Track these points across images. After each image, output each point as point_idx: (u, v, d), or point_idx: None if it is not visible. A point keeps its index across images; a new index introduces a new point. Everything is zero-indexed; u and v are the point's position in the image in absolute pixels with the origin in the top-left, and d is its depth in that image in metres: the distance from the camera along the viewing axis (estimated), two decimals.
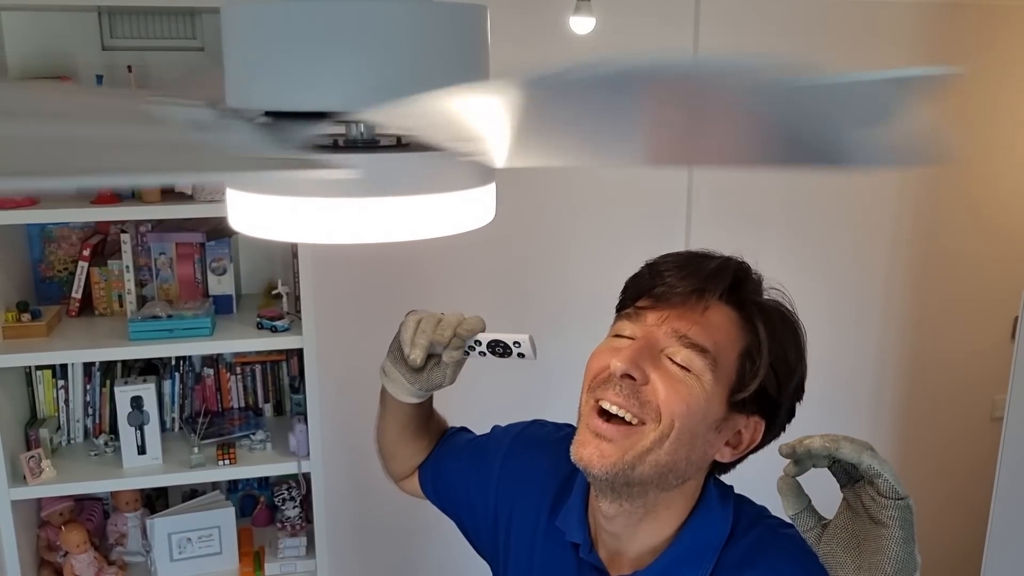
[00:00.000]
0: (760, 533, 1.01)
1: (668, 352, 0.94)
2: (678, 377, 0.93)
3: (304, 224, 0.62)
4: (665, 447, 0.93)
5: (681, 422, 0.92)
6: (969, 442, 3.07)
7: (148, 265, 2.32)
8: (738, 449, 0.99)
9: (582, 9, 2.20)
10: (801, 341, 0.98)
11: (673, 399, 0.92)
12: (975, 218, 2.89)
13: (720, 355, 0.93)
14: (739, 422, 0.97)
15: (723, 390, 0.94)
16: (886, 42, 2.65)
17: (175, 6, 2.16)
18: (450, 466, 1.28)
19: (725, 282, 0.95)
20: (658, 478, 0.95)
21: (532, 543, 1.13)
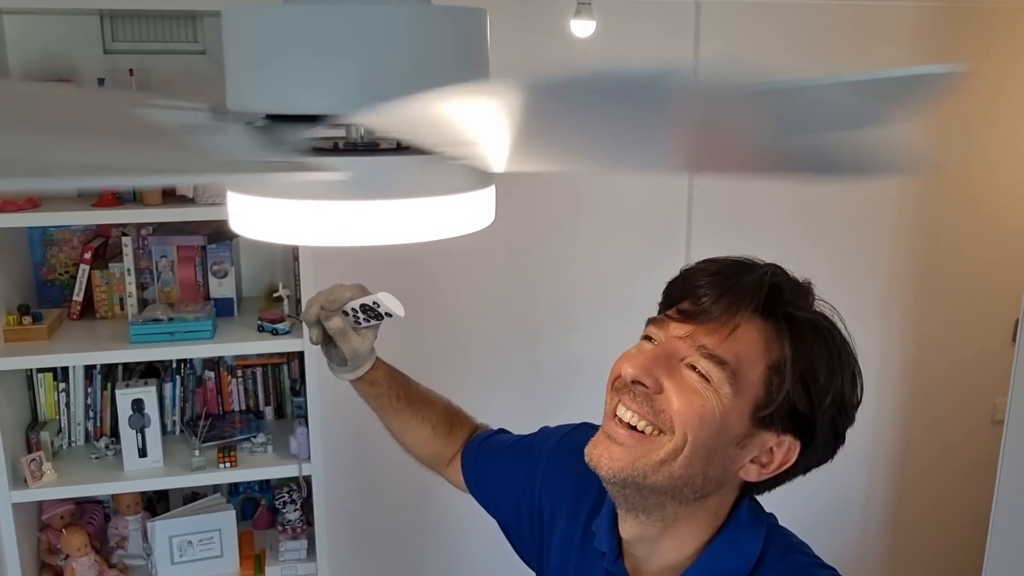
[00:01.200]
0: (790, 568, 0.96)
1: (688, 361, 0.91)
2: (694, 388, 0.90)
3: (305, 227, 0.62)
4: (679, 461, 0.90)
5: (694, 435, 0.89)
6: (970, 445, 3.07)
7: (149, 268, 2.32)
8: (767, 468, 0.93)
9: (583, 12, 2.20)
10: (840, 356, 0.93)
11: (686, 410, 0.89)
12: (976, 221, 2.89)
13: (742, 368, 0.89)
14: (768, 440, 0.92)
15: (746, 405, 0.90)
16: (885, 46, 2.64)
17: (177, 9, 2.16)
18: (494, 465, 1.28)
19: (758, 296, 0.91)
20: (673, 491, 0.92)
21: (569, 547, 1.12)
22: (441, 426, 1.34)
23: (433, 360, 2.62)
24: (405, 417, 1.31)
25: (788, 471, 0.95)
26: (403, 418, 1.31)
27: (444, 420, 1.34)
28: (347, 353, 1.19)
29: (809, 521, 3.02)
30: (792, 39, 2.59)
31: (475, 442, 1.33)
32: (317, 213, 0.61)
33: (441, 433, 1.34)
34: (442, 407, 1.35)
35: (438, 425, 1.33)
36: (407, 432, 1.33)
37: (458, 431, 1.36)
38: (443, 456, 1.35)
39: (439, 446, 1.34)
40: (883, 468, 3.07)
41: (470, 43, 0.64)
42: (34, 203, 2.05)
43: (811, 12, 2.58)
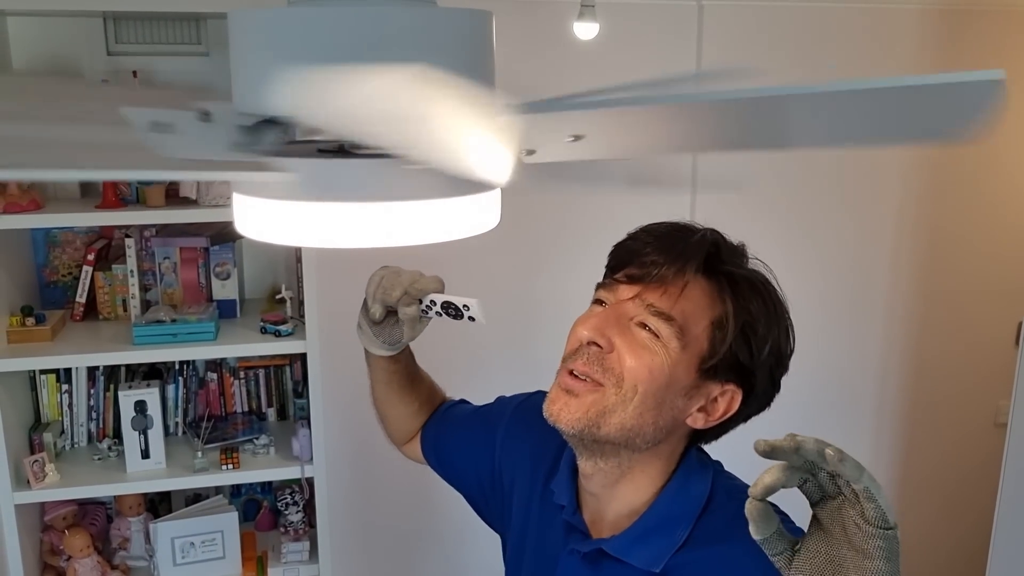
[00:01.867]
0: (738, 508, 0.95)
1: (638, 320, 0.96)
2: (643, 343, 0.95)
3: (310, 229, 0.62)
4: (630, 410, 0.95)
5: (644, 387, 0.95)
6: (973, 447, 3.07)
7: (152, 270, 2.32)
8: (713, 416, 1.00)
9: (586, 15, 2.20)
10: (776, 308, 0.99)
11: (636, 365, 0.95)
12: (980, 223, 2.89)
13: (688, 323, 0.95)
14: (713, 389, 0.98)
15: (692, 358, 0.96)
16: (890, 49, 2.64)
17: (180, 11, 2.17)
18: (452, 434, 1.32)
19: (700, 256, 0.96)
20: (625, 440, 0.97)
21: (529, 507, 1.16)
22: (424, 407, 1.35)
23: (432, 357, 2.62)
24: (401, 395, 1.32)
25: (731, 419, 1.01)
26: (398, 395, 1.32)
27: (427, 401, 1.36)
28: (406, 339, 1.20)
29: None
30: (794, 42, 2.59)
31: (435, 415, 1.35)
32: (322, 215, 0.61)
33: (424, 413, 1.36)
34: (428, 387, 1.37)
35: (421, 408, 1.35)
36: (395, 409, 1.33)
37: (428, 408, 1.37)
38: (411, 431, 1.37)
39: (415, 424, 1.36)
40: (886, 470, 3.06)
41: (475, 45, 0.64)
42: (37, 204, 2.06)
43: (814, 15, 2.58)
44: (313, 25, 0.60)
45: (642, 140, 0.67)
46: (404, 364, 1.29)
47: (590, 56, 2.37)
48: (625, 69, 2.50)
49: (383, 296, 1.18)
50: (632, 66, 2.48)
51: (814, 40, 2.60)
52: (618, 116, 0.57)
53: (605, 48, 2.36)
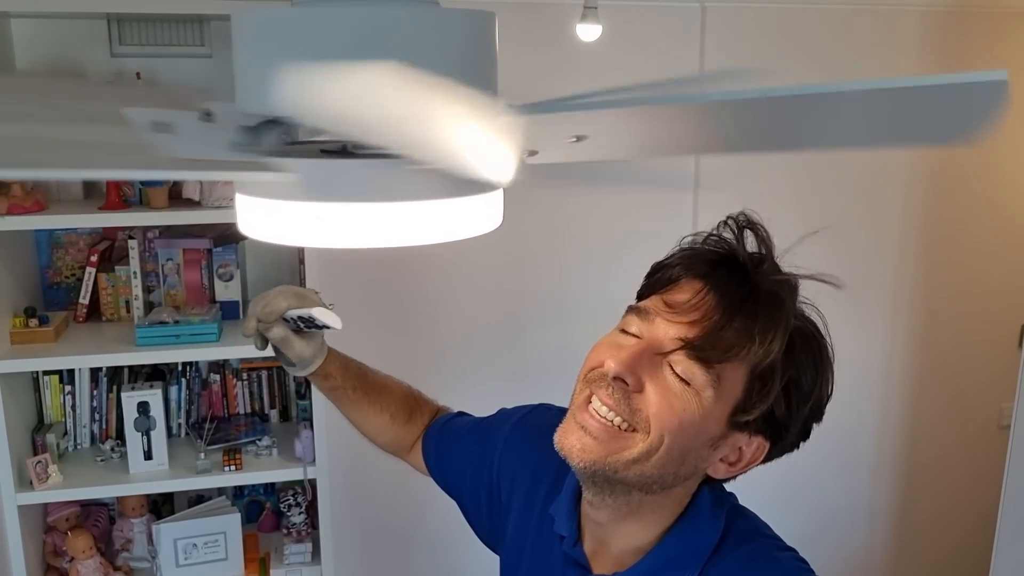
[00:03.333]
0: (751, 551, 0.96)
1: (671, 360, 0.88)
2: (675, 390, 0.88)
3: (313, 229, 0.62)
4: (653, 460, 0.89)
5: (672, 438, 0.88)
6: (976, 450, 3.06)
7: (155, 271, 2.33)
8: (735, 467, 0.94)
9: (589, 16, 2.20)
10: (822, 364, 0.91)
11: (666, 413, 0.88)
12: (983, 225, 2.89)
13: (726, 371, 0.87)
14: (740, 440, 0.92)
15: (725, 407, 0.89)
16: (893, 51, 2.64)
17: (184, 13, 2.17)
18: (452, 447, 1.30)
19: (755, 299, 0.88)
20: (641, 485, 0.92)
21: (526, 527, 1.12)
22: (400, 413, 1.34)
23: (430, 355, 2.62)
24: (363, 407, 1.32)
25: (755, 467, 0.96)
26: (360, 408, 1.32)
27: (403, 407, 1.35)
28: (293, 359, 1.21)
29: (815, 525, 3.03)
30: (797, 44, 2.59)
31: (435, 426, 1.34)
32: (325, 216, 0.61)
33: (400, 420, 1.34)
34: (401, 394, 1.36)
35: (397, 413, 1.34)
36: (365, 421, 1.34)
37: (419, 416, 1.36)
38: (404, 442, 1.36)
39: (399, 433, 1.35)
40: (889, 473, 3.06)
41: (479, 46, 0.64)
42: (41, 206, 2.06)
43: (816, 17, 2.58)
44: (315, 25, 0.60)
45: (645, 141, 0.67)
46: (342, 378, 1.29)
47: (593, 58, 2.37)
48: (628, 71, 2.50)
49: (242, 331, 1.21)
50: (635, 68, 2.48)
51: (817, 42, 2.60)
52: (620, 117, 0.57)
53: (608, 50, 2.36)
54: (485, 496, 1.22)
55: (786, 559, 0.96)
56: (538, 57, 2.37)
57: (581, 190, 2.57)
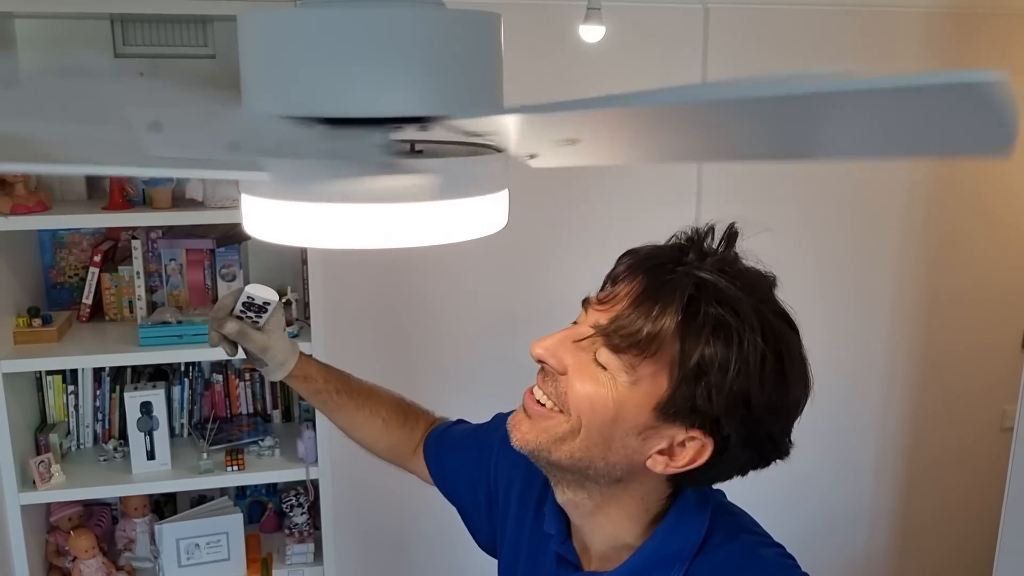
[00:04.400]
0: (737, 549, 0.96)
1: (595, 346, 0.91)
2: (590, 374, 0.90)
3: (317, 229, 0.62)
4: (577, 442, 0.92)
5: (587, 419, 0.91)
6: (979, 452, 3.06)
7: (158, 271, 2.33)
8: (677, 462, 0.91)
9: (592, 18, 2.20)
10: (748, 356, 0.86)
11: (579, 394, 0.91)
12: (986, 228, 2.88)
13: (642, 359, 0.88)
14: (676, 434, 0.90)
15: (646, 396, 0.89)
16: (896, 53, 2.64)
17: (187, 14, 2.17)
18: (453, 454, 1.30)
19: (679, 295, 0.87)
20: (577, 469, 0.94)
21: (522, 530, 1.14)
22: (393, 418, 1.35)
23: (431, 355, 2.62)
24: (350, 412, 1.33)
25: (717, 468, 0.93)
26: (348, 413, 1.33)
27: (396, 412, 1.36)
28: (257, 351, 1.25)
29: (817, 528, 3.02)
30: (800, 45, 2.59)
31: (435, 433, 1.35)
32: (330, 216, 0.62)
33: (394, 425, 1.35)
34: (391, 399, 1.37)
35: (389, 417, 1.34)
36: (357, 427, 1.35)
37: (413, 422, 1.36)
38: (402, 449, 1.36)
39: (394, 438, 1.35)
40: (891, 475, 3.06)
41: (484, 47, 0.64)
42: (44, 205, 2.06)
43: (819, 18, 2.58)
44: (320, 26, 0.60)
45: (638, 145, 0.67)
46: (323, 380, 1.31)
47: (596, 59, 2.37)
48: (631, 72, 2.51)
49: (209, 342, 1.26)
50: (638, 69, 2.48)
51: (819, 44, 2.60)
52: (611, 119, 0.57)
53: (611, 51, 2.36)
54: (484, 500, 1.23)
55: (771, 556, 0.96)
56: (541, 58, 2.37)
57: (583, 193, 2.58)
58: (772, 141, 0.59)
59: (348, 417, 1.34)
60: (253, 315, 1.22)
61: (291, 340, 1.30)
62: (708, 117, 0.53)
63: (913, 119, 0.47)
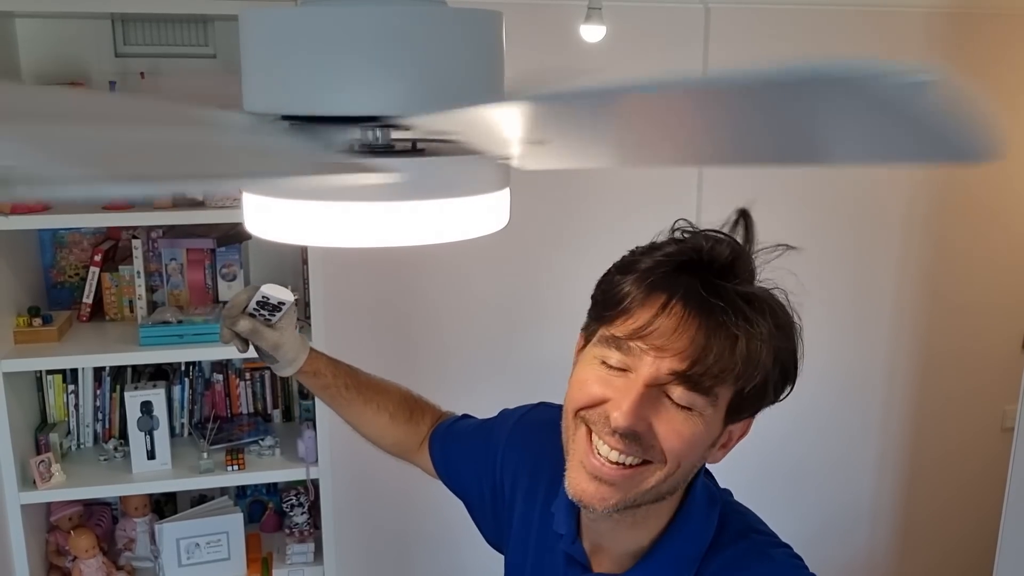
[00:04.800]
0: (745, 548, 0.97)
1: (668, 390, 0.88)
2: (680, 419, 0.88)
3: (319, 228, 0.62)
4: (669, 481, 0.91)
5: (687, 460, 0.91)
6: (979, 452, 3.06)
7: (159, 271, 2.33)
8: (728, 447, 0.96)
9: (593, 17, 2.20)
10: (796, 341, 0.93)
11: (677, 443, 0.89)
12: (987, 228, 2.88)
13: (720, 386, 0.88)
14: (733, 427, 0.95)
15: (721, 413, 0.91)
16: (897, 53, 2.64)
17: (188, 13, 2.17)
18: (459, 449, 1.30)
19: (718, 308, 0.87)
20: (655, 500, 0.94)
21: (528, 526, 1.13)
22: (399, 412, 1.35)
23: (433, 354, 2.62)
24: (358, 407, 1.34)
25: None
26: (356, 408, 1.34)
27: (402, 406, 1.36)
28: (268, 348, 1.25)
29: (818, 527, 3.02)
30: (801, 45, 2.59)
31: (441, 428, 1.35)
32: (331, 215, 0.62)
33: (400, 419, 1.35)
34: (398, 394, 1.37)
35: (396, 412, 1.35)
36: (364, 422, 1.35)
37: (419, 417, 1.37)
38: (408, 443, 1.37)
39: (401, 433, 1.36)
40: (892, 475, 3.05)
41: (486, 45, 0.64)
42: (45, 205, 2.06)
43: (821, 17, 2.58)
44: (323, 25, 0.60)
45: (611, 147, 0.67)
46: (332, 375, 1.32)
47: (597, 59, 2.37)
48: (632, 71, 2.50)
49: (220, 337, 1.28)
50: (639, 68, 2.48)
51: (821, 43, 2.60)
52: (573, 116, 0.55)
53: (612, 51, 2.36)
54: (489, 495, 1.23)
55: (780, 555, 0.97)
56: (542, 58, 2.37)
57: (584, 194, 2.57)
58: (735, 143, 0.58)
59: (356, 412, 1.35)
60: (267, 314, 1.23)
61: (301, 336, 1.31)
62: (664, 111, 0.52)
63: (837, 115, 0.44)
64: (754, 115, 0.48)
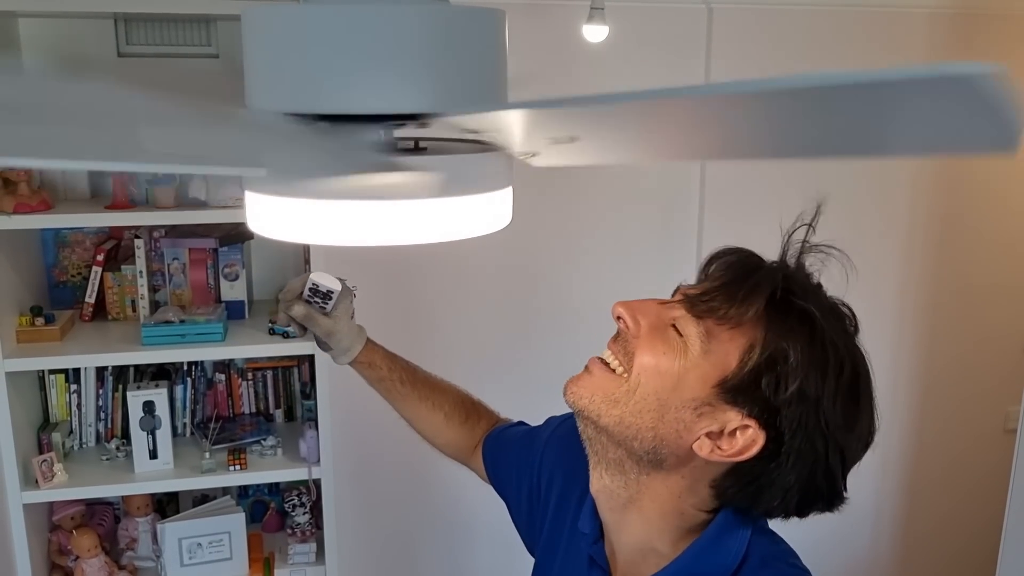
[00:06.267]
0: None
1: (677, 313, 0.91)
2: (665, 338, 0.90)
3: (321, 226, 0.62)
4: (631, 405, 0.90)
5: (647, 380, 0.90)
6: (982, 454, 3.05)
7: (161, 270, 2.33)
8: (724, 451, 0.88)
9: (595, 18, 2.20)
10: (824, 354, 0.87)
11: (647, 352, 0.90)
12: (990, 229, 2.88)
13: (720, 332, 0.88)
14: (731, 419, 0.88)
15: (713, 369, 0.88)
16: (900, 54, 2.64)
17: (191, 13, 2.17)
18: (507, 454, 1.31)
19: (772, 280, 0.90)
20: (624, 440, 0.92)
21: (561, 529, 1.13)
22: (455, 413, 1.36)
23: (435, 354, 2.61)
24: (413, 402, 1.35)
25: (762, 479, 0.90)
26: (411, 404, 1.35)
27: (458, 408, 1.37)
28: (321, 335, 1.29)
29: (820, 530, 3.00)
30: (804, 45, 2.59)
31: (494, 433, 1.36)
32: (333, 213, 0.62)
33: (455, 420, 1.36)
34: (455, 395, 1.39)
35: (451, 413, 1.36)
36: (419, 418, 1.37)
37: (475, 420, 1.38)
38: (463, 446, 1.38)
39: (455, 434, 1.37)
40: (894, 477, 3.05)
41: (489, 44, 0.64)
42: (47, 205, 2.06)
43: (823, 18, 2.58)
44: (325, 24, 0.60)
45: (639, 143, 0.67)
46: (387, 368, 1.35)
47: (599, 59, 2.37)
48: (634, 72, 2.51)
49: (278, 321, 1.31)
50: (642, 69, 2.48)
51: (823, 43, 2.60)
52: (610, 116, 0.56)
53: (614, 51, 2.36)
54: (527, 498, 1.23)
55: None
56: (545, 58, 2.37)
57: (587, 194, 2.57)
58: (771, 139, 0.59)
59: (411, 408, 1.37)
60: (320, 301, 1.26)
61: (358, 327, 1.34)
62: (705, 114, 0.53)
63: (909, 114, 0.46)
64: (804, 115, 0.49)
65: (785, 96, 0.45)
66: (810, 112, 0.49)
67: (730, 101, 0.48)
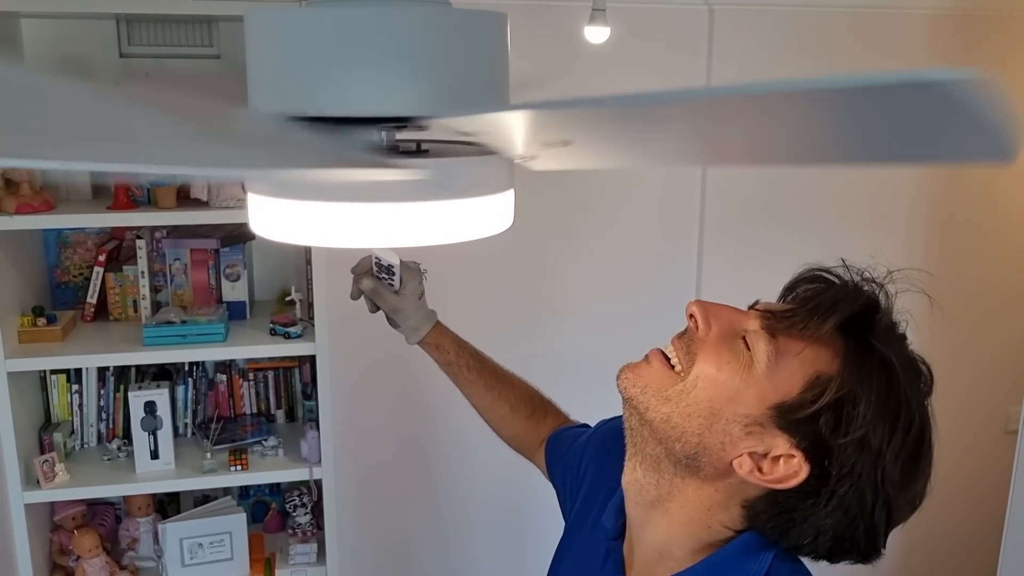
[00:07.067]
0: None
1: (750, 325, 0.89)
2: (732, 348, 0.88)
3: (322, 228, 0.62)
4: (681, 407, 0.89)
5: (704, 384, 0.88)
6: (983, 455, 3.05)
7: (163, 271, 2.33)
8: (764, 475, 0.87)
9: (597, 19, 2.20)
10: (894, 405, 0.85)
11: (710, 358, 0.88)
12: (991, 230, 2.88)
13: (790, 358, 0.86)
14: (778, 445, 0.86)
15: (773, 392, 0.86)
16: (899, 53, 2.64)
17: (193, 14, 2.18)
18: (559, 455, 1.32)
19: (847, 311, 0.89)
20: (666, 440, 0.90)
21: (585, 519, 1.14)
22: (521, 407, 1.38)
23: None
24: (480, 390, 1.38)
25: (796, 514, 0.88)
26: (478, 391, 1.38)
27: (524, 401, 1.39)
28: (388, 311, 1.35)
29: None
30: (805, 46, 2.59)
31: (556, 432, 1.37)
32: (335, 215, 0.62)
33: (521, 414, 1.38)
34: (523, 389, 1.41)
35: (517, 406, 1.38)
36: (485, 406, 1.39)
37: (541, 416, 1.39)
38: (527, 440, 1.39)
39: (520, 428, 1.39)
40: None
41: (491, 46, 0.64)
42: (49, 205, 2.07)
43: (824, 19, 2.58)
44: (327, 25, 0.60)
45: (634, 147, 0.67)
46: (455, 353, 1.39)
47: (601, 60, 2.37)
48: (635, 73, 2.51)
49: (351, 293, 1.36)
50: (643, 70, 2.48)
51: (824, 45, 2.60)
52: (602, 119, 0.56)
53: (616, 52, 2.36)
54: (570, 497, 1.24)
55: None
56: (546, 59, 2.37)
57: (586, 191, 2.57)
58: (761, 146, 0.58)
59: (478, 395, 1.39)
60: (386, 276, 1.31)
61: (428, 309, 1.38)
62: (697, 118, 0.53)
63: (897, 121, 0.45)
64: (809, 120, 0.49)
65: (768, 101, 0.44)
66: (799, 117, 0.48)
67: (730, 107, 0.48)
